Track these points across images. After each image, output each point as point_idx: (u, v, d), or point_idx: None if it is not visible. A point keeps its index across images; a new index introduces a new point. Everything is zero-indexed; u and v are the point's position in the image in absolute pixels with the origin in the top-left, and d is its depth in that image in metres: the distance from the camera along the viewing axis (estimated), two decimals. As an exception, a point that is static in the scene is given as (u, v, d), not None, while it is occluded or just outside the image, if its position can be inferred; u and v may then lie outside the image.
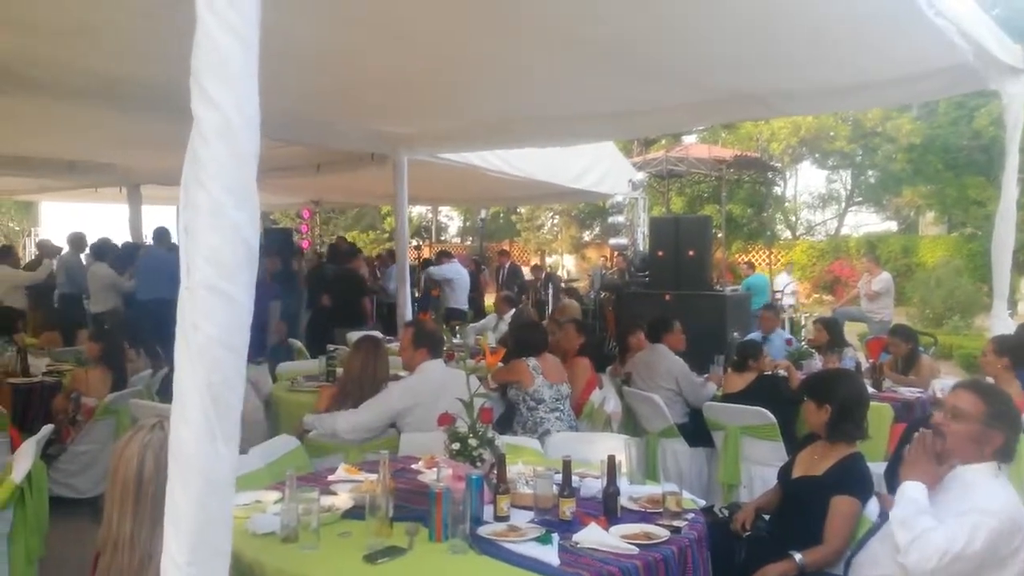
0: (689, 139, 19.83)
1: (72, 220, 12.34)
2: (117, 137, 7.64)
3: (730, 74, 5.00)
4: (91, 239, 9.65)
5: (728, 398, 4.96)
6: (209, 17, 1.26)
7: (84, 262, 9.57)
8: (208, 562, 1.28)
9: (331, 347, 6.00)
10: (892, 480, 3.45)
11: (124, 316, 8.01)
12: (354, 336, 5.67)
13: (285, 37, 3.95)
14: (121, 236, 10.59)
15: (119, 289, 8.59)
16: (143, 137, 7.37)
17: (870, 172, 22.71)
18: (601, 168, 10.23)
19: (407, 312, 8.15)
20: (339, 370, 5.02)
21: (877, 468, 3.90)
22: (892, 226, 24.90)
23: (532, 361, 4.63)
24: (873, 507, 2.90)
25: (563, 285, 13.40)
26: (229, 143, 1.28)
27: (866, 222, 25.62)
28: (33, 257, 13.27)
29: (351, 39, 4.32)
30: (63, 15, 3.91)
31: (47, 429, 3.59)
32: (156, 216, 10.82)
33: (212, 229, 1.27)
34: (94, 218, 13.43)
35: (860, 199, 24.66)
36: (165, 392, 5.16)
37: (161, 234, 8.80)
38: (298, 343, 7.59)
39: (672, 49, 4.53)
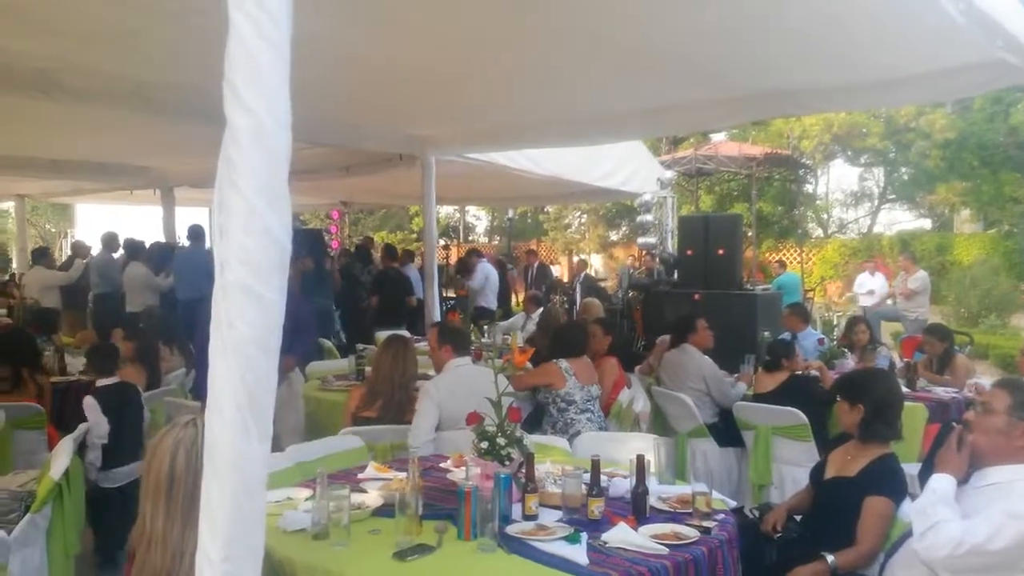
0: (718, 137, 19.65)
1: (107, 222, 12.56)
2: (152, 141, 7.77)
3: (760, 72, 4.95)
4: (124, 240, 9.85)
5: (759, 398, 4.92)
6: (242, 22, 1.28)
7: (118, 262, 9.75)
8: (242, 559, 1.29)
9: (360, 347, 6.05)
10: (926, 481, 3.40)
11: (159, 315, 8.15)
12: (383, 335, 5.71)
13: (314, 40, 3.98)
14: (155, 237, 10.78)
15: (155, 288, 8.73)
16: (177, 141, 7.49)
17: (903, 169, 22.32)
18: (629, 167, 10.17)
19: (435, 312, 8.19)
20: (367, 369, 5.05)
21: (911, 469, 3.85)
22: (926, 224, 24.46)
23: (564, 363, 4.60)
24: (907, 508, 2.85)
25: (593, 286, 13.37)
26: (262, 147, 1.30)
27: (899, 220, 25.20)
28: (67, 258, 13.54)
29: (379, 41, 4.35)
30: (98, 21, 3.98)
31: (83, 427, 3.66)
32: (189, 218, 10.96)
33: (245, 231, 1.29)
34: (129, 219, 13.68)
35: (893, 196, 24.24)
36: (198, 390, 5.25)
37: (197, 232, 8.92)
38: (328, 342, 7.66)
39: (701, 48, 4.49)
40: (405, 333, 7.37)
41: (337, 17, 3.78)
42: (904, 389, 5.05)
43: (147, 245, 9.82)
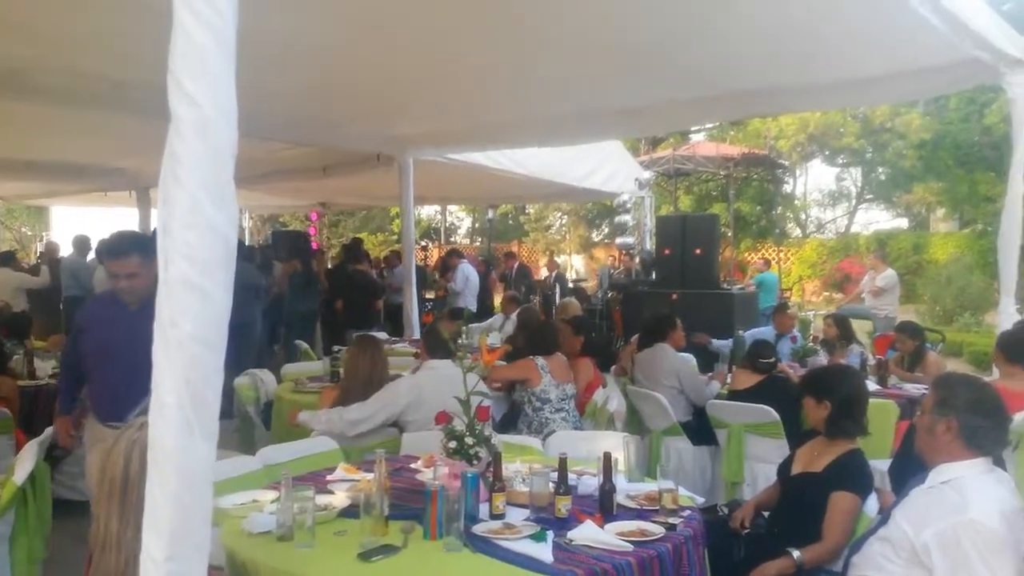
0: (696, 137, 19.77)
1: (82, 224, 12.42)
2: (126, 141, 7.69)
3: (736, 72, 4.99)
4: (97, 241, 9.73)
5: (736, 395, 4.93)
6: (185, 13, 1.27)
7: (90, 264, 9.64)
8: (187, 558, 1.28)
9: (336, 348, 6.02)
10: (897, 478, 3.43)
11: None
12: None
13: (291, 39, 3.99)
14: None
15: None
16: (152, 141, 7.28)
17: (880, 169, 22.55)
18: (608, 167, 10.21)
19: (414, 314, 8.17)
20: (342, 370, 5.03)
21: (882, 465, 3.90)
22: (903, 223, 24.72)
23: (541, 360, 4.63)
24: (873, 504, 2.88)
25: (571, 285, 13.40)
26: (206, 139, 1.29)
27: (877, 219, 25.44)
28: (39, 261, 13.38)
29: (356, 40, 4.34)
30: (71, 21, 3.94)
31: (49, 431, 3.61)
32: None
33: (189, 226, 1.28)
34: (104, 221, 13.52)
35: (870, 196, 24.48)
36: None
37: None
38: (304, 344, 7.62)
39: (679, 48, 4.52)
40: (382, 335, 7.38)
41: (312, 16, 3.78)
42: (876, 386, 5.12)
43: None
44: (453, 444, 2.79)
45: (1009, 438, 2.51)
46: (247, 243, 12.95)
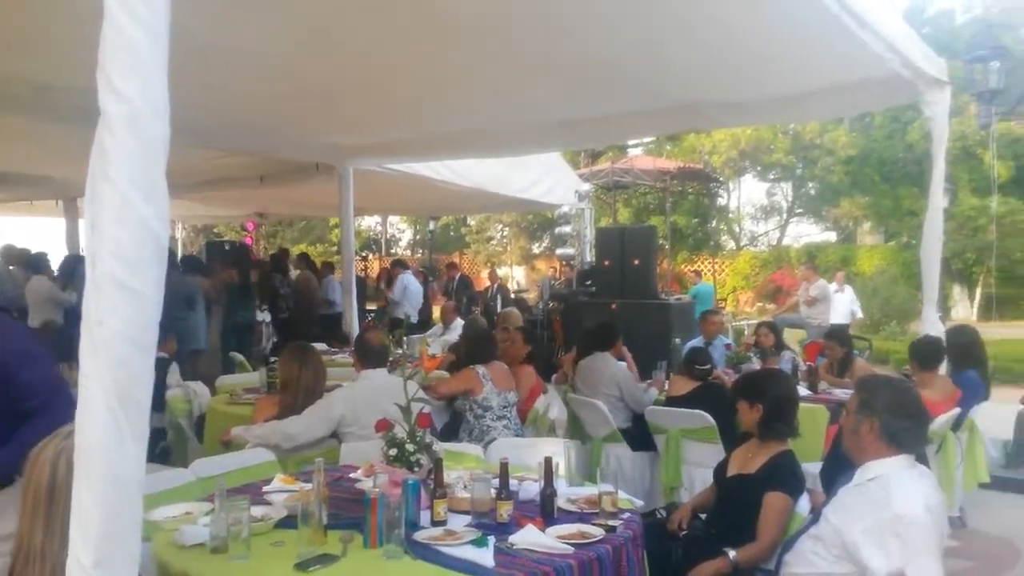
0: (634, 151, 20.12)
1: (6, 234, 11.94)
2: (53, 149, 7.42)
3: (671, 86, 5.09)
4: (27, 253, 9.35)
5: (673, 401, 5.02)
6: (115, 7, 1.24)
7: (13, 275, 9.26)
8: (116, 564, 1.24)
9: (272, 359, 5.90)
10: (828, 480, 3.54)
11: (58, 330, 7.76)
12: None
13: (227, 44, 3.92)
14: (58, 250, 10.30)
15: (59, 303, 8.32)
16: (80, 149, 7.06)
17: (810, 184, 23.32)
18: (549, 179, 10.31)
19: (354, 324, 8.08)
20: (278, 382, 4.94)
21: (813, 468, 4.01)
22: (831, 236, 25.59)
23: (481, 369, 4.65)
24: (804, 504, 2.97)
25: (512, 296, 13.45)
26: (137, 134, 1.25)
27: (807, 232, 26.29)
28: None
29: (294, 47, 4.29)
30: (-6, 23, 3.80)
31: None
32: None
33: (118, 223, 1.24)
34: (29, 232, 13.02)
35: (800, 210, 25.30)
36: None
37: None
38: (239, 356, 7.45)
39: (617, 62, 4.58)
40: (321, 346, 7.27)
41: (250, 21, 3.72)
42: (806, 391, 5.28)
43: (48, 258, 9.36)
44: (394, 451, 2.77)
45: (930, 438, 2.64)
46: (178, 254, 12.65)
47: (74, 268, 8.72)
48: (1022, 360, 10.83)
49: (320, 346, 6.68)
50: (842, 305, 11.55)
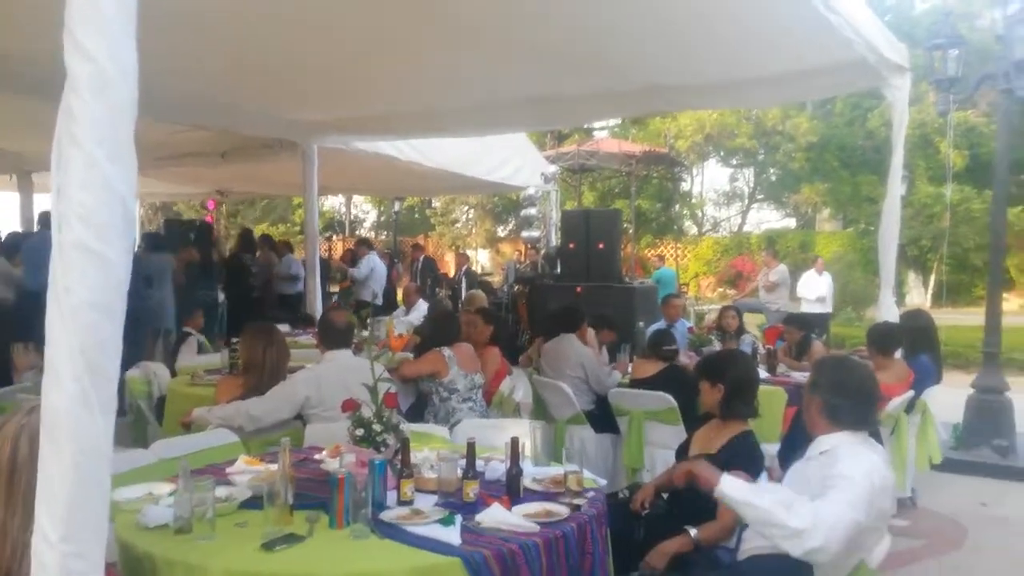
0: (600, 135, 20.16)
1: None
2: (4, 121, 7.20)
3: (637, 68, 5.11)
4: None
5: (639, 383, 5.08)
6: None
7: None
8: (84, 539, 1.21)
9: (234, 340, 5.83)
10: (786, 459, 3.63)
11: (12, 309, 7.55)
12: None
13: (189, 14, 3.83)
14: (10, 226, 10.02)
15: (11, 281, 8.08)
16: (33, 121, 6.92)
17: (771, 170, 23.65)
18: (515, 161, 10.30)
19: (317, 305, 8.01)
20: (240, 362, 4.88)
21: (771, 448, 4.10)
22: (791, 222, 26.01)
23: (447, 351, 4.64)
24: (765, 481, 3.03)
25: (477, 279, 13.44)
26: (104, 96, 1.22)
27: (767, 219, 26.71)
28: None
29: (259, 19, 4.21)
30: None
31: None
32: (50, 206, 10.28)
33: (85, 186, 1.21)
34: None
35: (762, 196, 25.66)
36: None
37: (48, 219, 8.29)
38: (200, 337, 7.33)
39: (583, 43, 4.59)
40: (284, 327, 7.19)
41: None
42: (765, 374, 5.38)
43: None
44: (360, 431, 2.77)
45: (879, 419, 2.72)
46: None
47: (19, 242, 8.46)
48: (972, 346, 11.12)
49: (283, 327, 6.61)
50: (821, 291, 11.68)
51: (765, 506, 2.32)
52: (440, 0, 3.88)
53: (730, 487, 2.41)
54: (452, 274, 14.34)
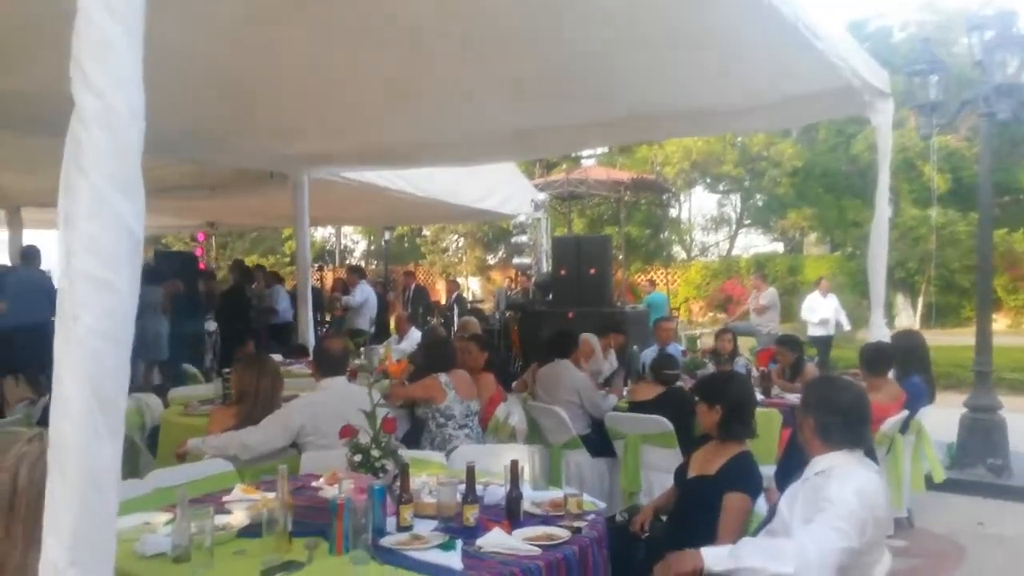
0: (588, 163, 20.32)
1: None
2: (-3, 156, 7.21)
3: (620, 96, 5.17)
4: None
5: (638, 406, 5.07)
6: (91, 1, 1.22)
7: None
8: (91, 565, 1.21)
9: (227, 370, 5.80)
10: (782, 480, 3.63)
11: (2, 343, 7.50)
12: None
13: (181, 53, 3.86)
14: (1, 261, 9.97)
15: None
16: (22, 156, 6.97)
17: (758, 196, 23.86)
18: (505, 190, 10.37)
19: (309, 335, 7.99)
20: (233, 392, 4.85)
21: (768, 470, 4.10)
22: (779, 247, 26.19)
23: (444, 377, 4.62)
24: (763, 503, 3.03)
25: (469, 306, 13.43)
26: (111, 132, 1.24)
27: (755, 243, 26.87)
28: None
29: (249, 55, 4.25)
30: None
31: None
32: (39, 241, 10.24)
33: (92, 217, 1.22)
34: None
35: (749, 221, 25.85)
36: (46, 420, 4.87)
37: (31, 253, 8.26)
38: (191, 368, 7.30)
39: (574, 72, 4.64)
40: (277, 357, 7.16)
41: (204, 31, 3.68)
42: (760, 396, 5.39)
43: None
44: (359, 457, 2.75)
45: (879, 440, 2.73)
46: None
47: (2, 277, 8.40)
48: (963, 366, 11.17)
49: (276, 357, 6.58)
50: (826, 314, 11.53)
51: (755, 565, 2.31)
52: (427, 33, 3.94)
53: (714, 561, 2.40)
54: (443, 302, 14.33)
